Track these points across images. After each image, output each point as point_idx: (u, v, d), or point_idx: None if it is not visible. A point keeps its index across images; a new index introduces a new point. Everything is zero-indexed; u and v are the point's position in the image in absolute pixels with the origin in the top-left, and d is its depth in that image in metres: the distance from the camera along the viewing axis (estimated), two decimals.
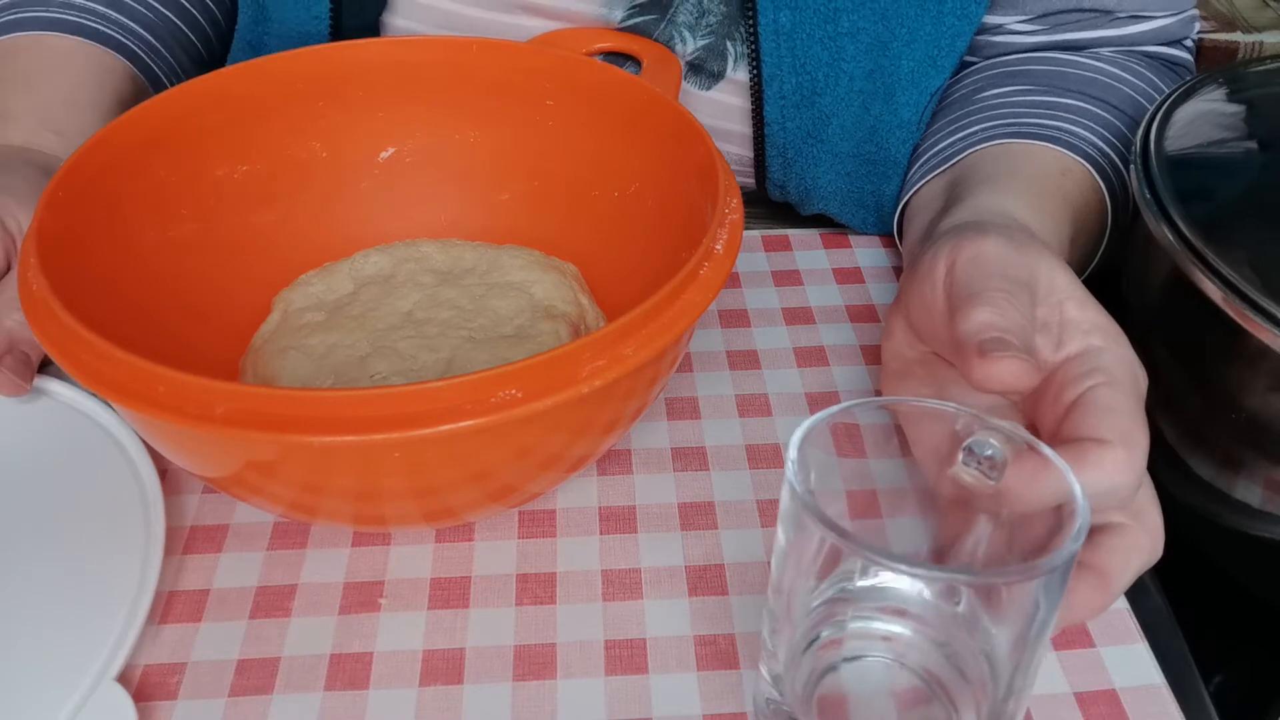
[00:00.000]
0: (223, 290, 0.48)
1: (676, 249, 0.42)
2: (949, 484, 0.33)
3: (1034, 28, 0.58)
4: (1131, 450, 0.35)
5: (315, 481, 0.37)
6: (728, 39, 0.56)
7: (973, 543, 0.34)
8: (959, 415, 0.33)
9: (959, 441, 0.33)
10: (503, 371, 0.33)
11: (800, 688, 0.34)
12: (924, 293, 0.41)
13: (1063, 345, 0.38)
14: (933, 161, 0.54)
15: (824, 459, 0.33)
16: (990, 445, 0.32)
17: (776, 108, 0.56)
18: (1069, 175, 0.50)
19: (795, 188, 0.59)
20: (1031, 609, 0.29)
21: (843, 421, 0.33)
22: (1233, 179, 0.48)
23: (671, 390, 0.50)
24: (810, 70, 0.55)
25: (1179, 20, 0.59)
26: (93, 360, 0.34)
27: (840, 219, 0.60)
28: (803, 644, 0.34)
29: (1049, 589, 0.29)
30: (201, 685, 0.38)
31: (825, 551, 0.30)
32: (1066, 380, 0.37)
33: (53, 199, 0.40)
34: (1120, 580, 0.35)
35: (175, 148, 0.47)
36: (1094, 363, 0.37)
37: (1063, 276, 0.39)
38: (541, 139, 0.52)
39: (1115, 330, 0.38)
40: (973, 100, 0.56)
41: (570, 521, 0.44)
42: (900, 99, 0.56)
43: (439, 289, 0.50)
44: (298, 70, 0.50)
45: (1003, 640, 0.31)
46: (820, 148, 0.57)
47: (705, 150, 0.43)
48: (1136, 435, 0.35)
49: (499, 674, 0.38)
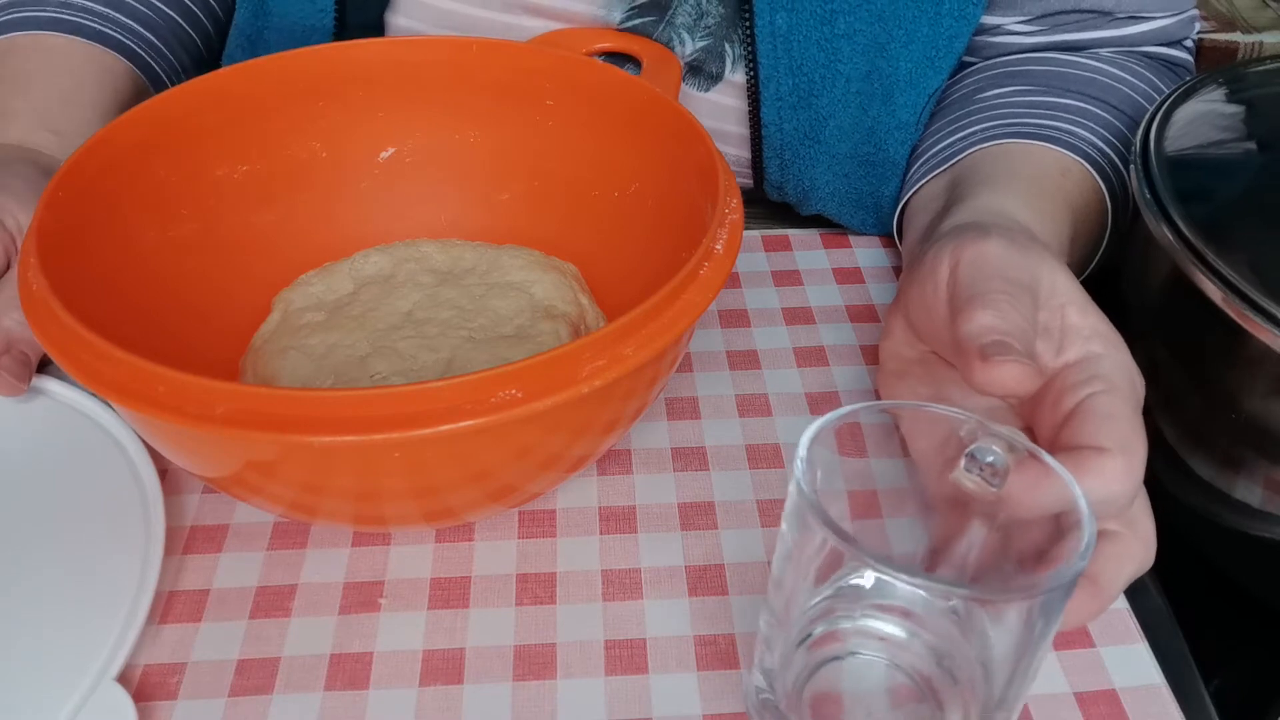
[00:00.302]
0: (223, 290, 0.48)
1: (676, 249, 0.42)
2: (947, 484, 0.33)
3: (1033, 28, 0.58)
4: (1130, 459, 0.34)
5: (315, 481, 0.37)
6: (726, 41, 0.56)
7: (968, 545, 0.35)
8: (963, 421, 0.33)
9: (958, 442, 0.33)
10: (503, 371, 0.33)
11: (791, 684, 0.34)
12: (925, 293, 0.41)
13: (1063, 351, 0.38)
14: (932, 161, 0.54)
15: (829, 459, 0.33)
16: (993, 452, 0.32)
17: (774, 109, 0.56)
18: (1069, 176, 0.50)
19: (793, 189, 0.59)
20: (1031, 622, 0.29)
21: (849, 423, 0.33)
22: (1233, 179, 0.48)
23: (671, 390, 0.50)
24: (807, 72, 0.55)
25: (1178, 21, 0.59)
26: (93, 360, 0.34)
27: (838, 220, 0.60)
28: (797, 640, 0.34)
29: (1048, 606, 0.29)
30: (201, 685, 0.38)
31: (827, 552, 0.30)
32: (1066, 387, 0.37)
33: (53, 199, 0.40)
34: (1112, 588, 0.35)
35: (175, 148, 0.47)
36: (1093, 369, 0.37)
37: (1064, 280, 0.39)
38: (541, 139, 0.52)
39: (1115, 336, 0.38)
40: (972, 100, 0.56)
41: (570, 521, 0.44)
42: (898, 100, 0.56)
43: (439, 289, 0.50)
44: (298, 70, 0.50)
45: (1000, 649, 0.31)
46: (818, 149, 0.57)
47: (705, 150, 0.43)
48: (1135, 444, 0.35)
49: (499, 674, 0.38)
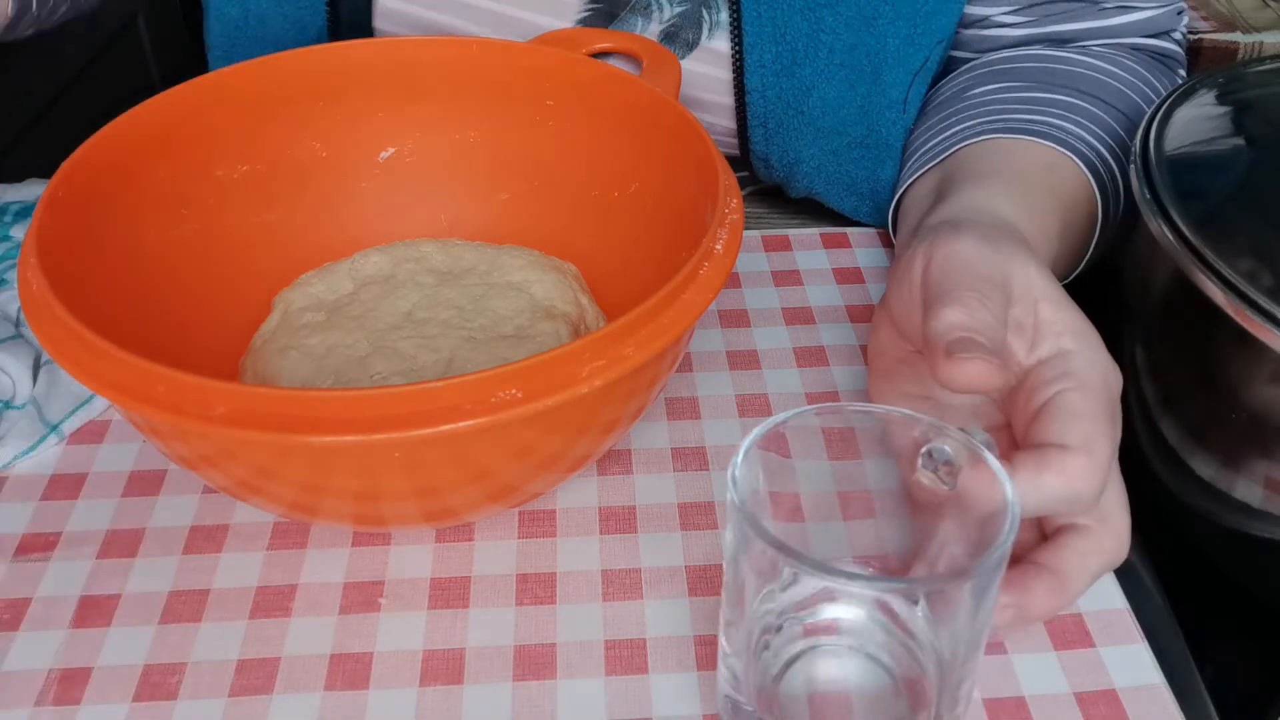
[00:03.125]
0: (223, 290, 0.48)
1: (676, 249, 0.42)
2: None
3: (1021, 19, 0.58)
4: (1092, 456, 0.35)
5: (315, 481, 0.37)
6: (704, 6, 0.57)
7: (941, 542, 0.35)
8: (916, 422, 0.33)
9: (913, 442, 0.33)
10: (503, 371, 0.33)
11: (757, 684, 0.34)
12: (903, 292, 0.41)
13: (1036, 347, 0.38)
14: (923, 159, 0.54)
15: (777, 461, 0.33)
16: (944, 452, 0.33)
17: (757, 77, 0.57)
18: (1055, 170, 0.50)
19: (779, 161, 0.60)
20: (966, 609, 0.30)
21: (779, 432, 0.33)
22: (1233, 179, 0.48)
23: (671, 390, 0.50)
24: (790, 40, 0.55)
25: (1166, 12, 0.60)
26: (93, 360, 0.34)
27: (830, 203, 0.61)
28: (758, 640, 0.34)
29: (976, 591, 0.30)
30: (201, 685, 0.38)
31: (768, 557, 0.30)
32: (1037, 384, 0.37)
33: (53, 199, 0.40)
34: (1077, 582, 0.35)
35: (175, 148, 0.47)
36: (1064, 367, 0.37)
37: (1038, 276, 0.39)
38: (541, 139, 0.52)
39: (1089, 331, 0.39)
40: (961, 98, 0.56)
41: (570, 521, 0.44)
42: (887, 78, 0.56)
43: (439, 289, 0.50)
44: (298, 70, 0.50)
45: (945, 637, 0.32)
46: (801, 119, 0.58)
47: (705, 150, 0.43)
48: (1098, 442, 0.35)
49: (499, 674, 0.38)
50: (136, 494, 0.45)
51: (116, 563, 0.42)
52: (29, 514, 0.44)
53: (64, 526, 0.43)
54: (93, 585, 0.41)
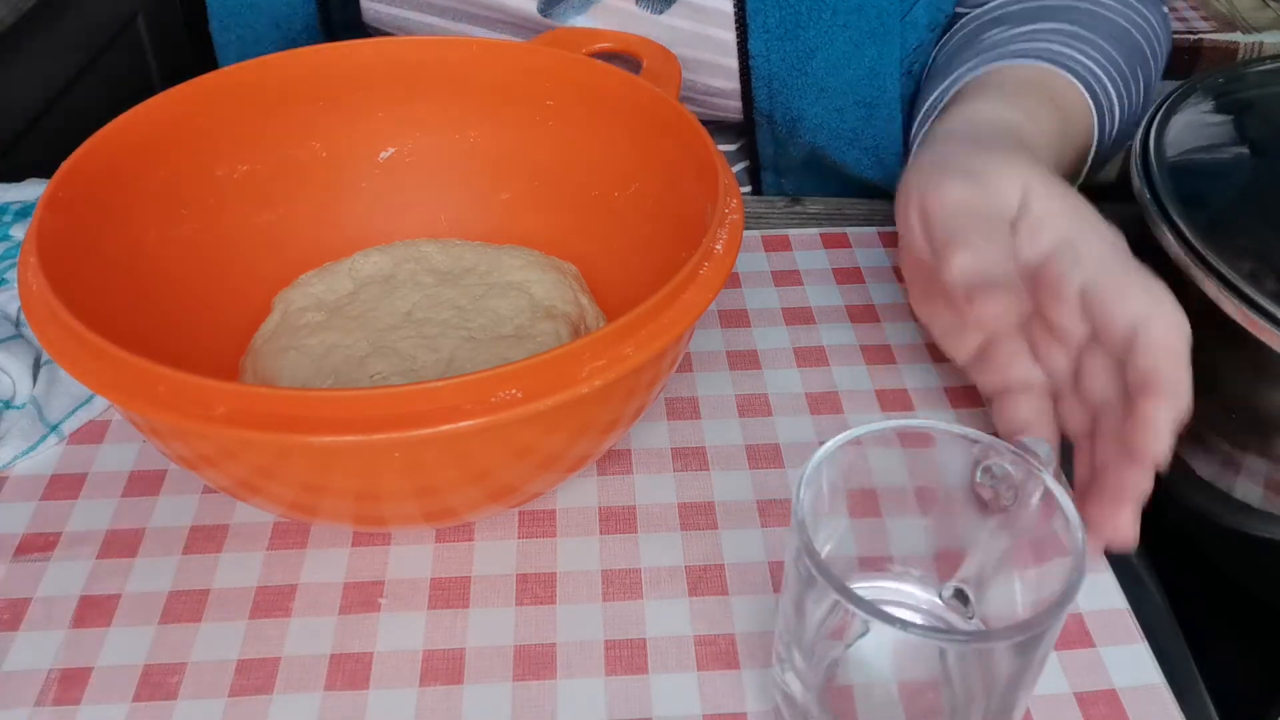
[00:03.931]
0: (223, 290, 0.48)
1: (676, 249, 0.42)
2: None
3: None
4: (1152, 291, 0.38)
5: (315, 481, 0.37)
6: None
7: (981, 546, 0.35)
8: (975, 441, 0.34)
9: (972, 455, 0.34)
10: (503, 371, 0.33)
11: (814, 680, 0.34)
12: (909, 241, 0.44)
13: (1035, 241, 0.41)
14: (931, 114, 0.57)
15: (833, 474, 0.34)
16: (1003, 469, 0.34)
17: (761, 40, 0.58)
18: (1051, 83, 0.53)
19: (782, 118, 0.62)
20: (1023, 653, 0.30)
21: (853, 445, 0.34)
22: (1233, 180, 0.48)
23: (671, 390, 0.50)
24: (793, 3, 0.57)
25: None
26: (93, 360, 0.34)
27: (832, 154, 0.62)
28: (816, 639, 0.34)
29: (1036, 640, 0.30)
30: (201, 685, 0.38)
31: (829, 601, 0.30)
32: (1056, 276, 0.40)
33: (53, 199, 0.40)
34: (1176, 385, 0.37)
35: (175, 148, 0.47)
36: (1073, 255, 0.40)
37: (1022, 172, 0.42)
38: (541, 139, 0.52)
39: (1079, 205, 0.41)
40: (958, 53, 0.60)
41: (570, 521, 0.44)
42: (892, 38, 0.59)
43: (439, 289, 0.50)
44: (298, 70, 0.50)
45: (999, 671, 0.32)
46: (806, 80, 0.59)
47: (705, 150, 0.43)
48: (1155, 287, 0.38)
49: (499, 674, 0.38)
50: (136, 494, 0.45)
51: (116, 563, 0.42)
52: (29, 514, 0.44)
53: (64, 526, 0.43)
54: (93, 585, 0.41)
